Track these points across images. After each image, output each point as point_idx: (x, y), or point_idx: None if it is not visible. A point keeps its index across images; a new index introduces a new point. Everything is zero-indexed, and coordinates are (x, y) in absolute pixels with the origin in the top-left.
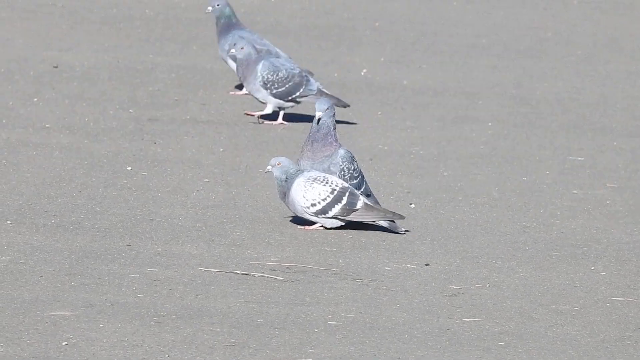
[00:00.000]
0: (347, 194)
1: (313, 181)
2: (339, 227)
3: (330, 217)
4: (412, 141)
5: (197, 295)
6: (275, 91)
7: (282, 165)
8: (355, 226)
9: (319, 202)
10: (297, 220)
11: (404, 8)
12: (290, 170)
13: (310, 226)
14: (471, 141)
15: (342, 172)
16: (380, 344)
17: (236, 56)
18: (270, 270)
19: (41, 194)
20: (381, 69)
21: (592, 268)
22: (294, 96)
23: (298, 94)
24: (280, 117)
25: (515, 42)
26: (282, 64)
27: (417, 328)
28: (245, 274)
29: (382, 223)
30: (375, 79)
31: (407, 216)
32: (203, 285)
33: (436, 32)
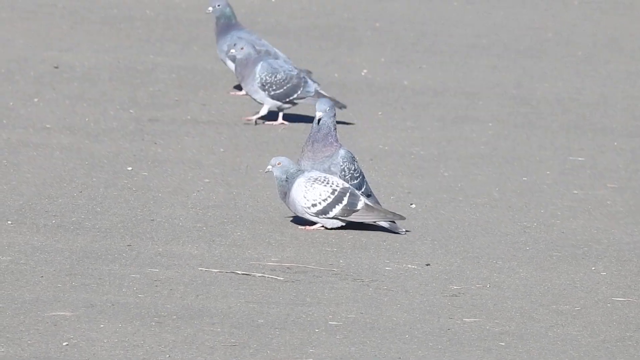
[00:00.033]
0: (347, 194)
1: (314, 181)
2: (339, 228)
3: (331, 218)
4: (412, 141)
5: (197, 296)
6: (273, 93)
7: (282, 165)
8: (356, 226)
9: (320, 202)
10: (297, 220)
11: (404, 8)
12: (290, 170)
13: (311, 226)
14: (471, 141)
15: (343, 173)
16: (381, 344)
17: (236, 56)
18: (271, 270)
19: (42, 194)
20: (381, 69)
21: (593, 268)
22: (291, 98)
23: (296, 95)
24: (281, 117)
25: (515, 42)
26: (281, 66)
27: (418, 328)
28: (245, 274)
29: (382, 223)
30: (376, 79)
31: (408, 216)
32: (204, 285)
33: (436, 32)
